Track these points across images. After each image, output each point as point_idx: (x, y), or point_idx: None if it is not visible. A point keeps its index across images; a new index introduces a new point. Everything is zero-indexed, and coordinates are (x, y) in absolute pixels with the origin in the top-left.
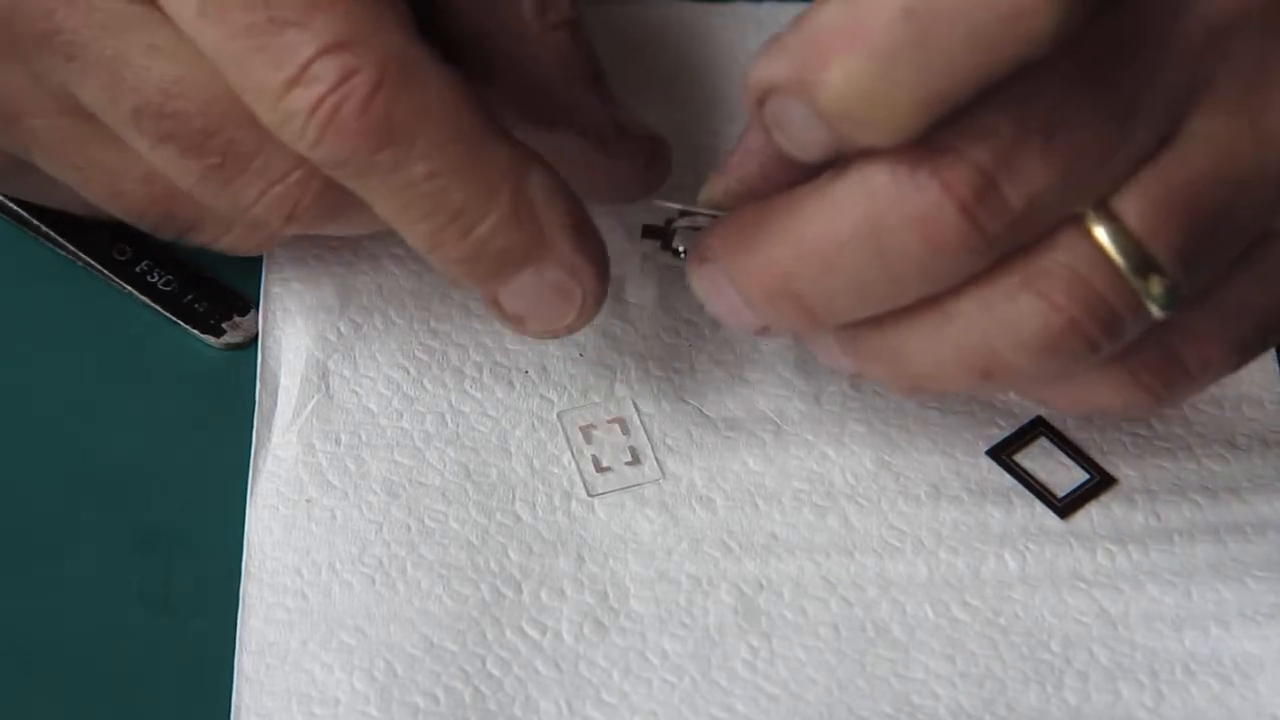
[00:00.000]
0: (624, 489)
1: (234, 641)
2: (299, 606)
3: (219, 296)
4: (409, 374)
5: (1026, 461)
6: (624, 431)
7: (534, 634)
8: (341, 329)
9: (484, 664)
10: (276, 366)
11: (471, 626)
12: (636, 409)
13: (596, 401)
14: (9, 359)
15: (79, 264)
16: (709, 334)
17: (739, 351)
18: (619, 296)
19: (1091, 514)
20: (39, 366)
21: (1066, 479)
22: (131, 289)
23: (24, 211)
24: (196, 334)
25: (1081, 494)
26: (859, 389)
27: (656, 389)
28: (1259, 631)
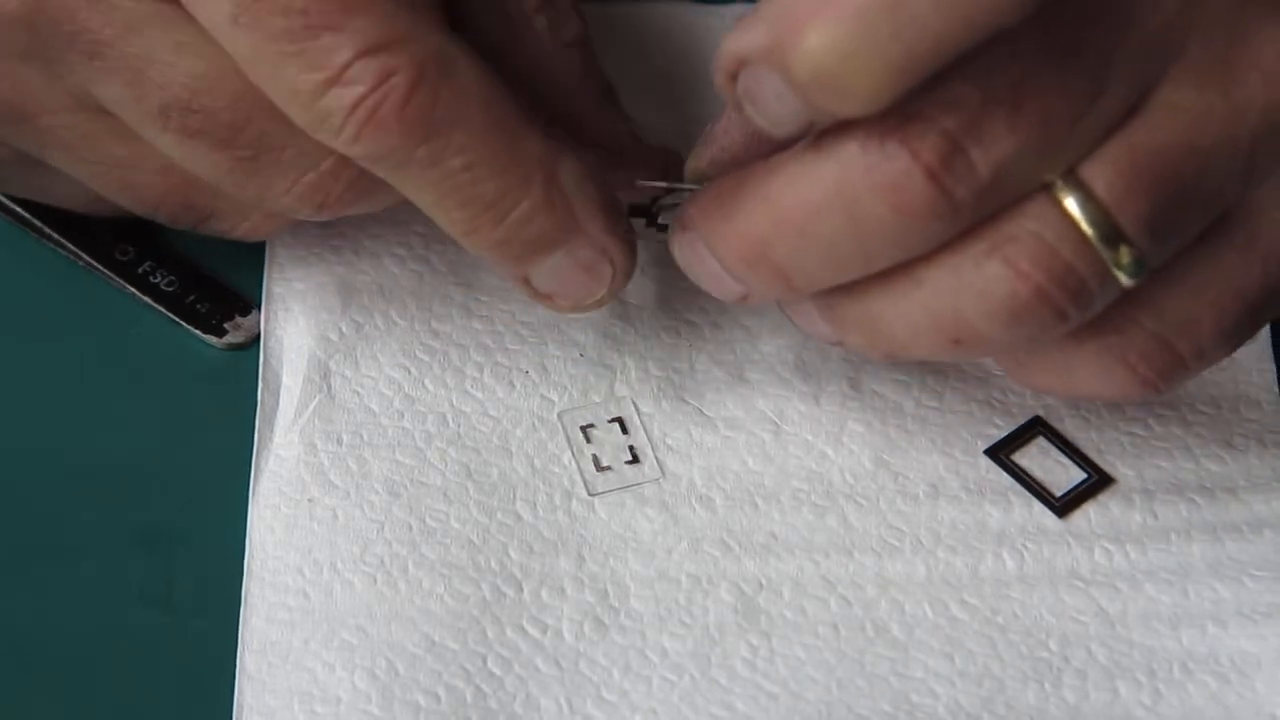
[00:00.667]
0: (624, 488)
1: (236, 640)
2: (301, 605)
3: (220, 297)
4: (410, 374)
5: (1024, 461)
6: (624, 431)
7: (535, 632)
8: (343, 329)
9: (485, 662)
10: (278, 366)
11: (472, 625)
12: (636, 409)
13: (596, 401)
14: (9, 359)
15: (80, 264)
16: (709, 334)
17: (739, 351)
18: (619, 296)
19: (1089, 513)
20: (39, 366)
21: (1064, 478)
22: (133, 289)
23: (25, 212)
24: (198, 334)
25: (1079, 493)
26: (858, 389)
27: (656, 389)
28: (1256, 630)
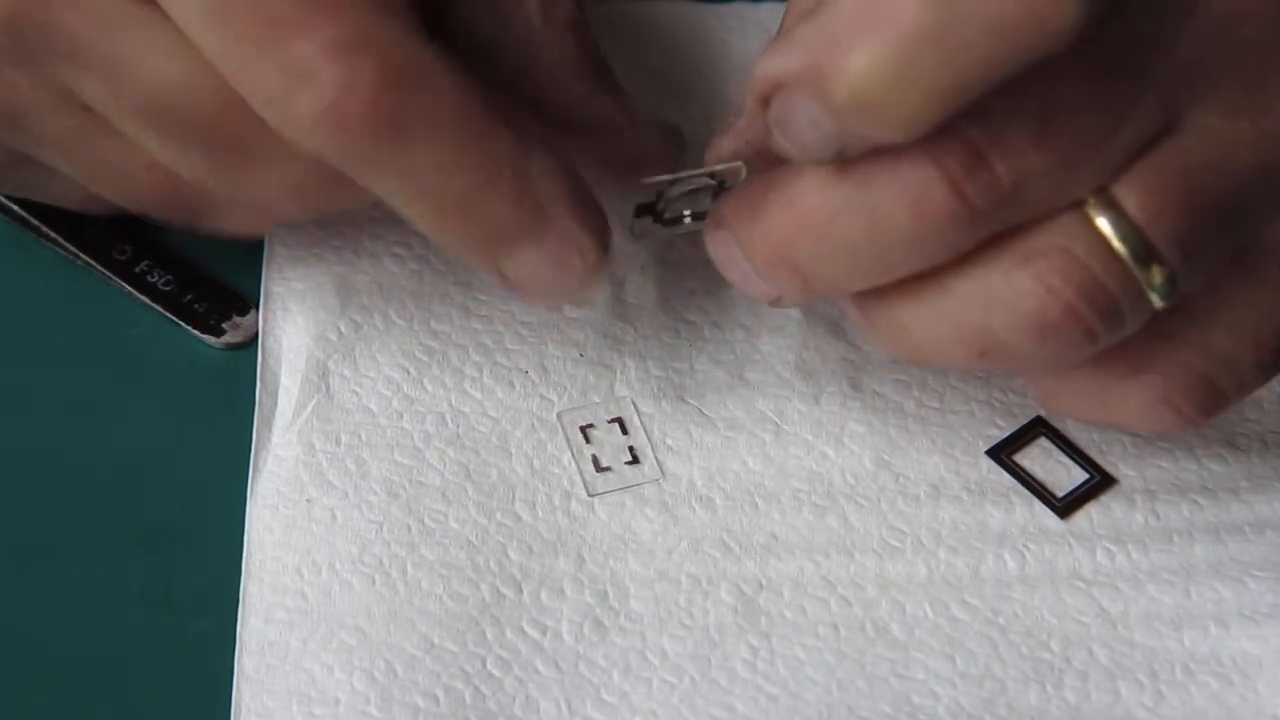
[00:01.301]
0: (624, 489)
1: (234, 641)
2: (299, 606)
3: (219, 296)
4: (409, 374)
5: (1026, 461)
6: (624, 431)
7: (534, 634)
8: (342, 329)
9: (484, 664)
10: (277, 366)
11: (471, 626)
12: (636, 409)
13: (596, 401)
14: (9, 359)
15: (79, 264)
16: (709, 334)
17: (739, 351)
18: (619, 296)
19: (1091, 514)
20: (39, 366)
21: (1066, 479)
22: (131, 289)
23: (24, 212)
24: (196, 334)
25: (1081, 494)
26: (859, 389)
27: (656, 389)
28: (1258, 631)
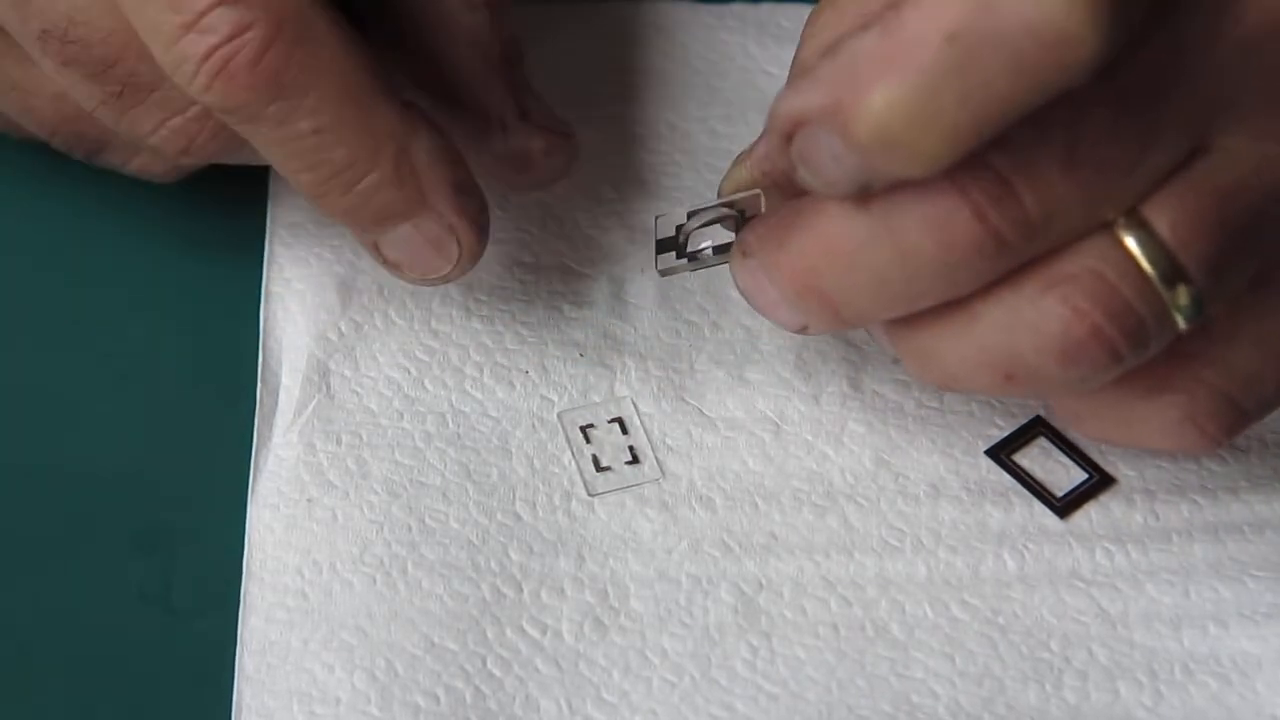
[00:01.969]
0: (624, 489)
1: (235, 641)
2: (300, 606)
3: None
4: (410, 374)
5: (1025, 461)
6: (624, 431)
7: (534, 633)
8: (342, 329)
9: (484, 663)
10: (278, 366)
11: (472, 626)
12: (636, 409)
13: (596, 401)
14: (9, 359)
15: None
16: (709, 334)
17: (739, 351)
18: (619, 296)
19: (1090, 514)
20: (39, 366)
21: (1065, 479)
22: None
23: None
24: None
25: (1080, 494)
26: (859, 389)
27: (656, 389)
28: (1257, 631)
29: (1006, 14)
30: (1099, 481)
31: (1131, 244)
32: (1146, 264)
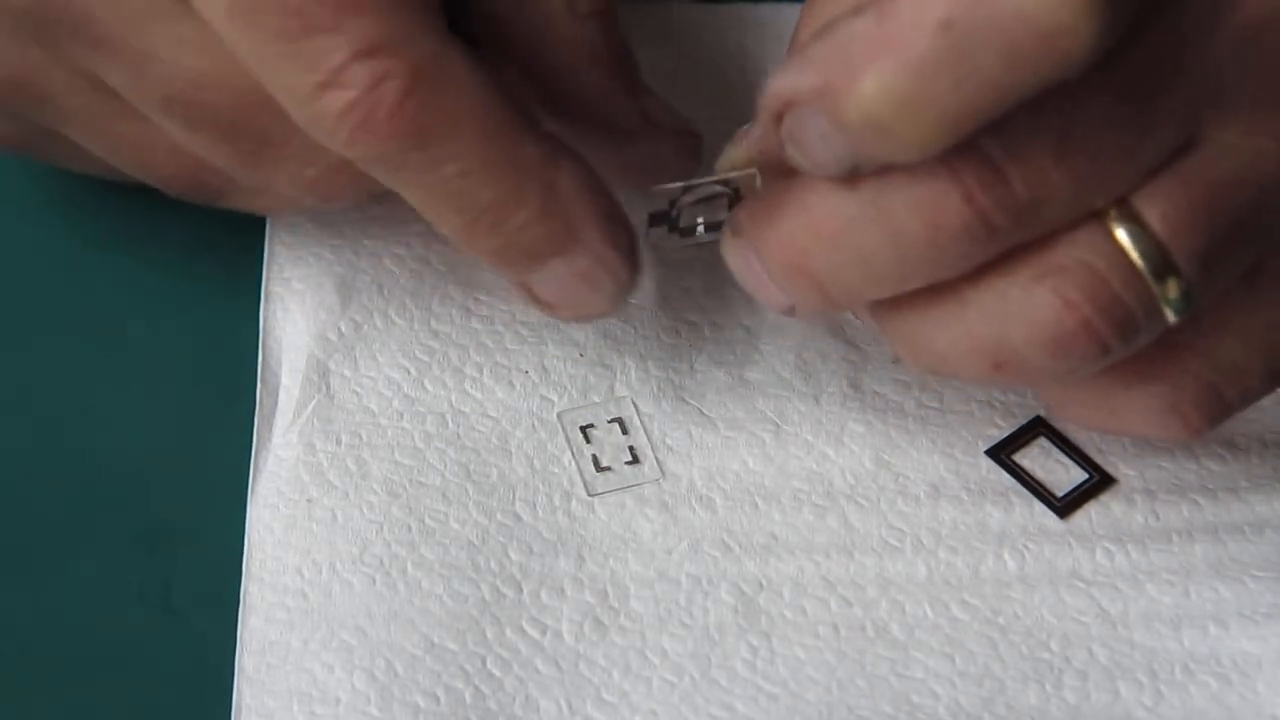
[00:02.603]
0: (624, 489)
1: (235, 641)
2: (300, 606)
3: None
4: (409, 374)
5: (1026, 461)
6: (624, 431)
7: (534, 633)
8: (342, 329)
9: (484, 663)
10: (277, 366)
11: (472, 626)
12: (636, 409)
13: (596, 401)
14: (9, 359)
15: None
16: (709, 334)
17: (739, 351)
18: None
19: (1090, 514)
20: (39, 366)
21: (1065, 479)
22: None
23: None
24: None
25: (1080, 494)
26: (859, 389)
27: (656, 389)
28: (1257, 631)
29: (1002, 2)
30: (1099, 481)
31: (1123, 236)
32: (1137, 257)
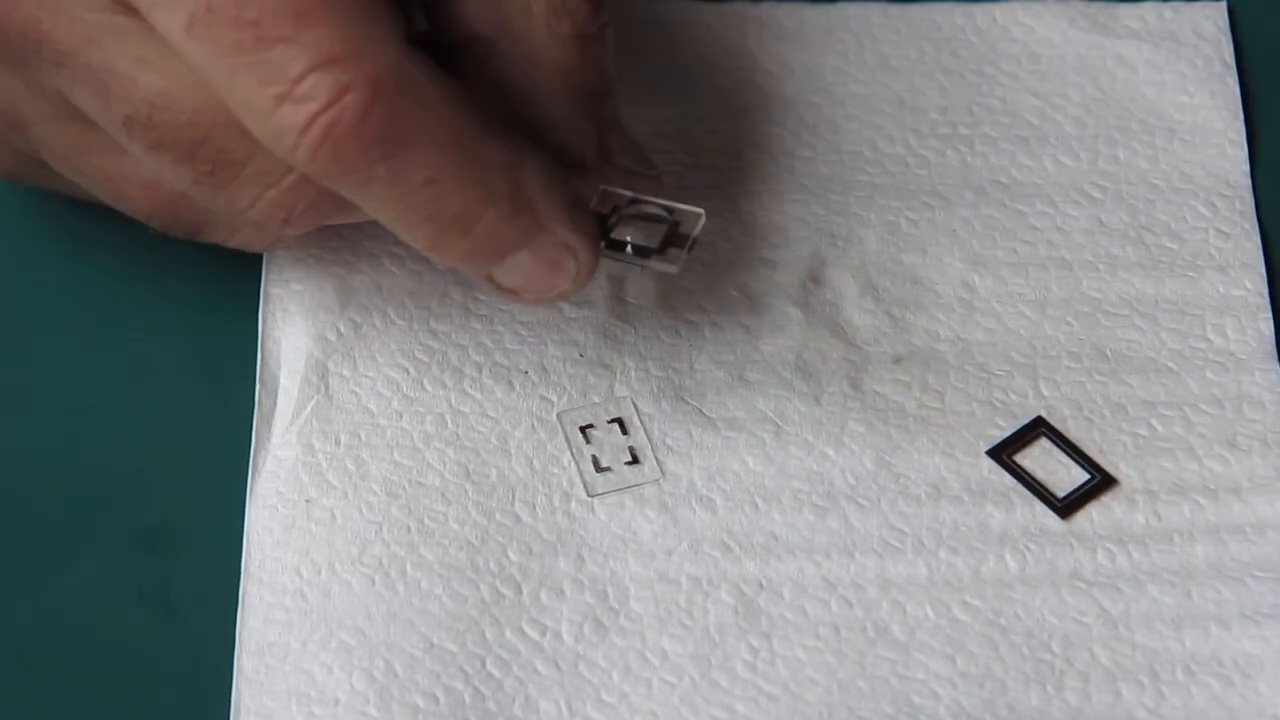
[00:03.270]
0: (624, 489)
1: (234, 641)
2: (298, 606)
3: None
4: (409, 374)
5: (1027, 461)
6: (623, 431)
7: (534, 634)
8: (341, 329)
9: (484, 664)
10: (276, 367)
11: (471, 627)
12: (636, 409)
13: (596, 401)
14: (9, 359)
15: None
16: (709, 334)
17: (739, 351)
18: (619, 296)
19: (1092, 514)
20: (40, 366)
21: (1067, 479)
22: None
23: None
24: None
25: (1082, 494)
26: (859, 389)
27: (656, 389)
28: (1259, 632)
29: None
30: (1100, 482)
31: None
32: None
